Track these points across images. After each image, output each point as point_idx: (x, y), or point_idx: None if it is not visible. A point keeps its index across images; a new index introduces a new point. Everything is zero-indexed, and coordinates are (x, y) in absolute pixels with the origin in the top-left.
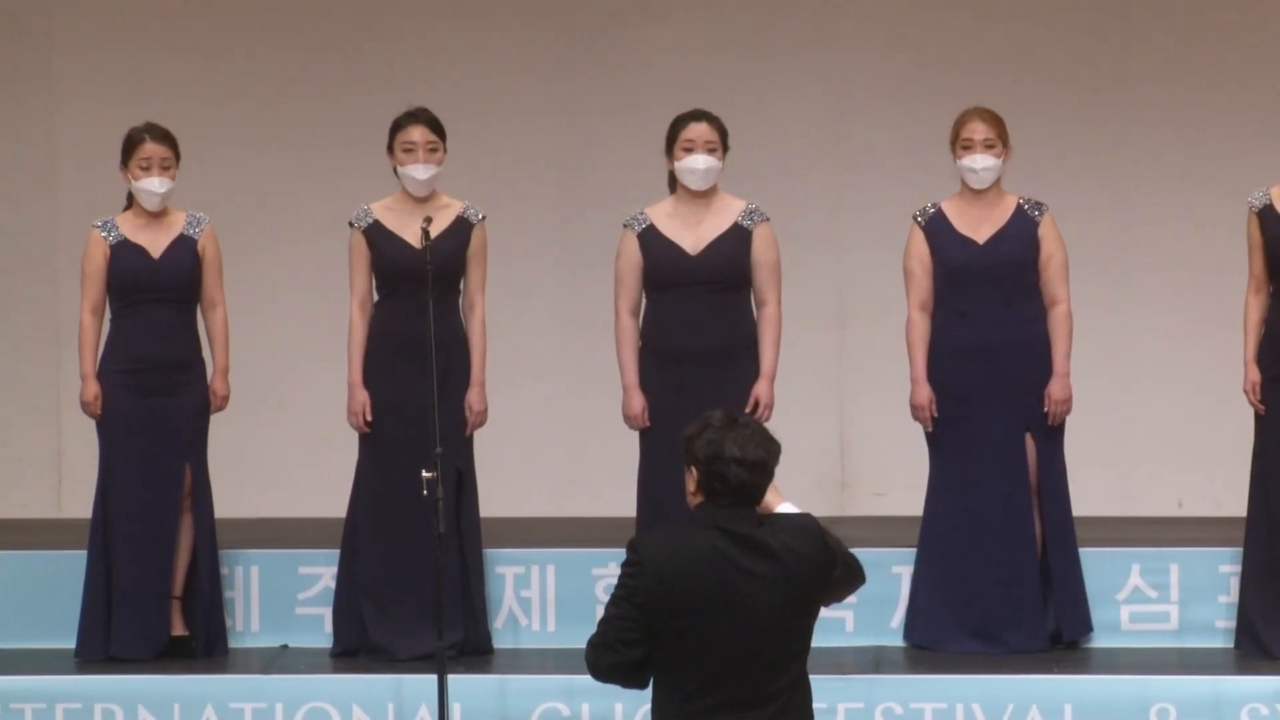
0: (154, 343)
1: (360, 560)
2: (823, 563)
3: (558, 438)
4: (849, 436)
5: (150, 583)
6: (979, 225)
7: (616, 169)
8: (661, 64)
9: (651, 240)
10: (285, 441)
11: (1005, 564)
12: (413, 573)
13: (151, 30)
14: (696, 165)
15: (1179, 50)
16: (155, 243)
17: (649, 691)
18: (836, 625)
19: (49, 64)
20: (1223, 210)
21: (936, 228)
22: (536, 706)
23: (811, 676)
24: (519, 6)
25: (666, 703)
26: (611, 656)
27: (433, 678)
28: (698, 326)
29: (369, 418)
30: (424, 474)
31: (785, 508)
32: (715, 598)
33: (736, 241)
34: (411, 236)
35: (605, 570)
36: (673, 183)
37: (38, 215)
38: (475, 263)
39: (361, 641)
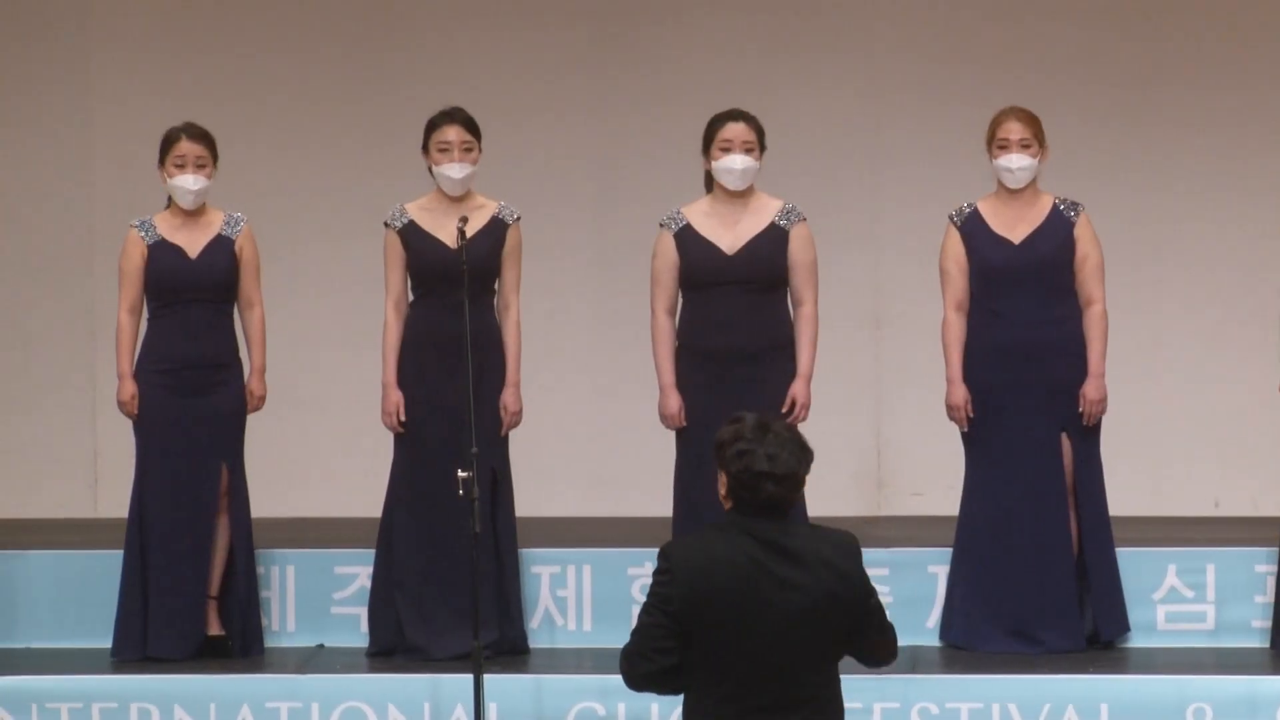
0: (191, 342)
1: (396, 560)
2: (856, 581)
3: (593, 437)
4: (885, 436)
5: (186, 582)
6: (1015, 225)
7: (651, 168)
8: (697, 63)
9: (688, 240)
10: (321, 441)
11: (1041, 564)
12: (448, 572)
13: (188, 30)
14: (734, 165)
15: (1215, 51)
16: (193, 242)
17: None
18: None
19: (86, 63)
20: (1258, 210)
21: (972, 228)
22: (572, 706)
23: (847, 676)
24: (553, 5)
25: (698, 706)
26: (646, 665)
27: (469, 677)
28: (734, 326)
29: (403, 418)
30: (460, 473)
31: None
32: (747, 604)
33: (773, 241)
34: (446, 236)
35: (641, 570)
36: (709, 182)
37: (75, 215)
38: (510, 262)
39: (397, 641)
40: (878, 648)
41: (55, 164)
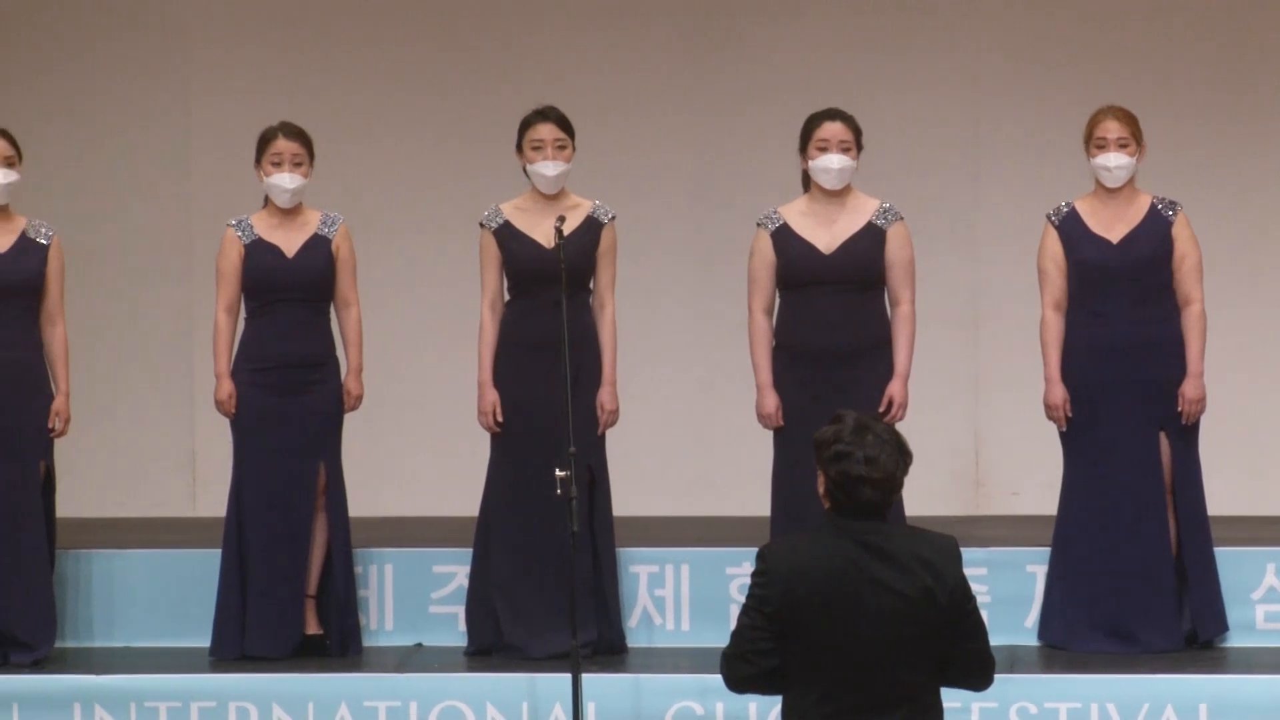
0: (288, 342)
1: (494, 559)
2: (954, 583)
3: (691, 437)
4: (983, 435)
5: (285, 581)
6: (1113, 224)
7: (749, 167)
8: (795, 62)
9: (785, 239)
10: (419, 440)
11: (1140, 563)
12: (546, 572)
13: (285, 29)
14: (831, 164)
15: None
16: (289, 242)
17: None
18: None
19: (184, 63)
20: None
21: (1071, 227)
22: (671, 706)
23: None
24: (651, 3)
25: (797, 706)
26: (746, 668)
27: (567, 677)
28: (832, 326)
29: (499, 417)
30: (558, 473)
31: None
32: (844, 605)
33: (871, 241)
34: (541, 236)
35: (739, 570)
36: (807, 181)
37: (172, 214)
38: (605, 262)
39: (496, 640)
40: (972, 658)
41: (154, 163)
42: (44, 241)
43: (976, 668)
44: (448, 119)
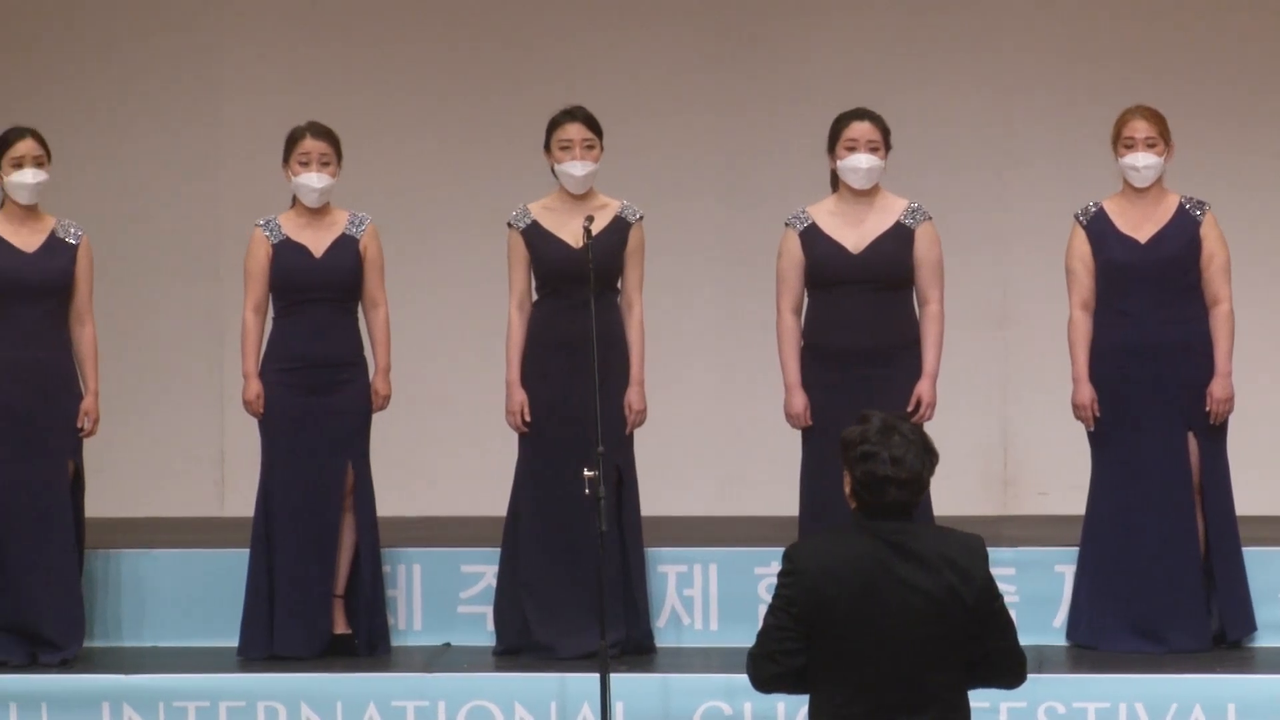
0: (316, 342)
1: (522, 559)
2: (981, 582)
3: (719, 436)
4: (1011, 435)
5: (313, 581)
6: (1141, 224)
7: (777, 166)
8: (823, 61)
9: (814, 238)
10: (447, 440)
11: (1168, 563)
12: (575, 571)
13: (314, 29)
14: (859, 164)
15: None
16: (317, 242)
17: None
18: None
19: (214, 63)
20: None
21: (1098, 226)
22: (699, 705)
23: None
24: (679, 3)
25: (824, 706)
26: (773, 668)
27: (595, 676)
28: (860, 325)
29: (527, 417)
30: (586, 472)
31: None
32: (871, 605)
33: (899, 240)
34: (569, 236)
35: (767, 569)
36: (835, 181)
37: (201, 213)
38: (633, 262)
39: (524, 640)
40: (1002, 657)
41: (183, 163)
42: (73, 241)
43: (1007, 666)
44: (476, 119)
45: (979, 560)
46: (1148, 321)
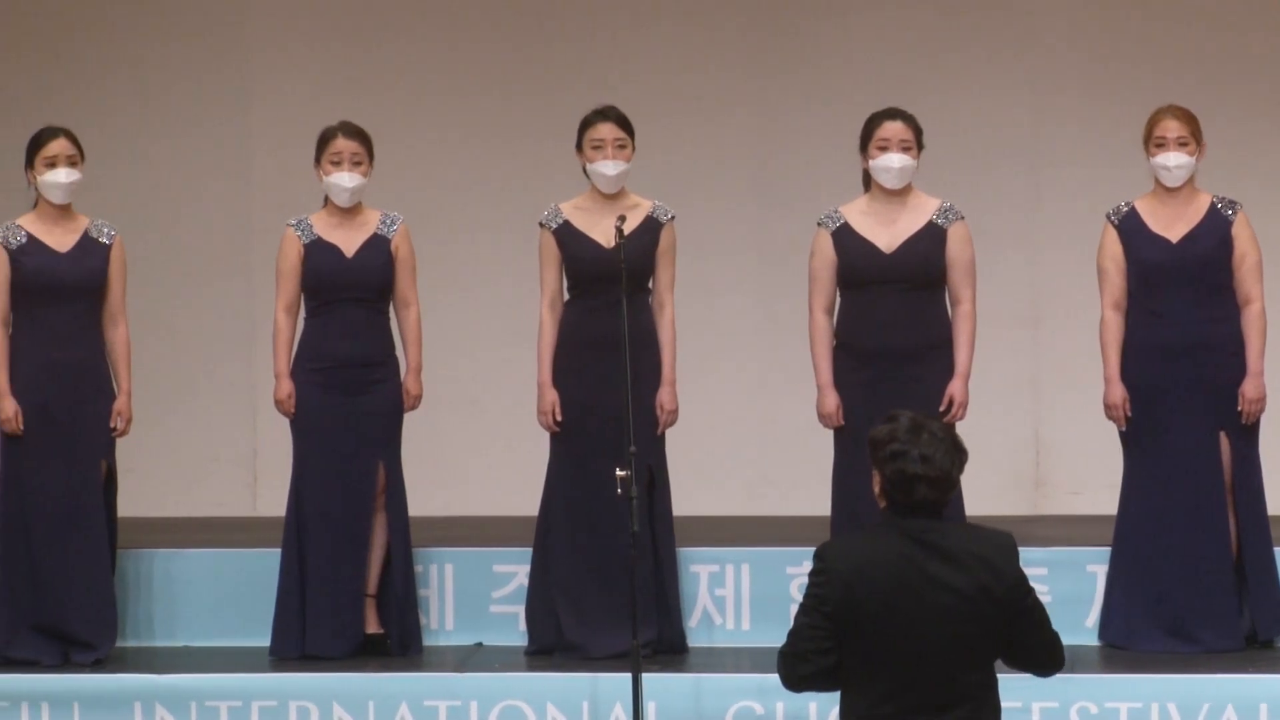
0: (347, 341)
1: (554, 558)
2: (1012, 579)
3: (751, 436)
4: (1044, 435)
5: (345, 580)
6: (1172, 224)
7: (810, 166)
8: (856, 61)
9: (846, 238)
10: (479, 440)
11: (1200, 563)
12: (607, 571)
13: (344, 28)
14: (891, 164)
15: None
16: (349, 242)
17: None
18: None
19: (243, 61)
20: None
21: (1130, 226)
22: (731, 705)
23: (1005, 675)
24: (712, 3)
25: (856, 705)
26: (804, 667)
27: (627, 676)
28: (892, 325)
29: (559, 417)
30: (618, 472)
31: None
32: (902, 604)
33: (931, 240)
34: (601, 236)
35: (799, 569)
36: (867, 181)
37: (233, 213)
38: (664, 262)
39: (556, 640)
40: (1038, 650)
41: (214, 163)
42: (106, 241)
43: (1045, 657)
44: (508, 118)
45: (1010, 556)
46: (1179, 321)
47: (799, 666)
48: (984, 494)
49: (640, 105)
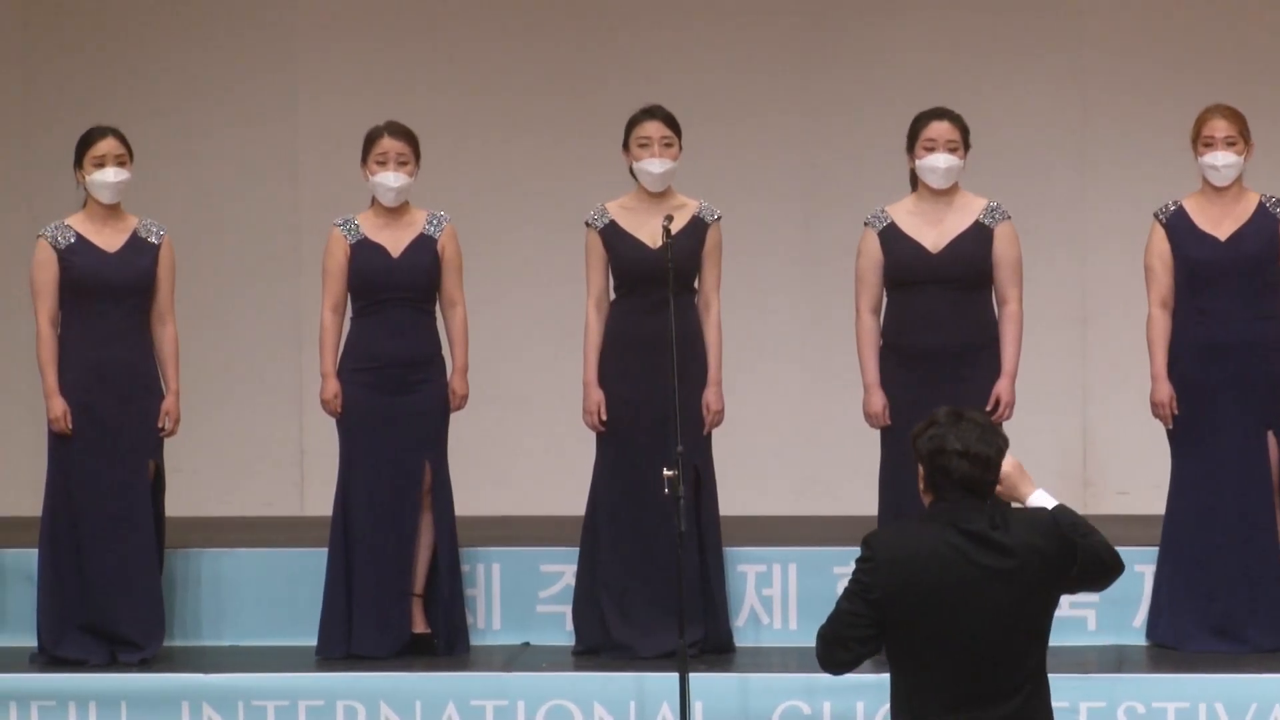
0: (394, 341)
1: (601, 558)
2: (1058, 557)
3: (798, 436)
4: (1092, 434)
5: (391, 580)
6: (1220, 222)
7: (856, 166)
8: (903, 61)
9: (893, 238)
10: (525, 439)
11: (1247, 562)
12: (653, 571)
13: (390, 28)
14: (938, 164)
15: None
16: (395, 241)
17: (889, 689)
18: (1078, 624)
19: (290, 61)
20: None
21: (1178, 225)
22: (778, 705)
23: (1053, 675)
24: (759, 3)
25: (906, 698)
26: (844, 654)
27: (674, 676)
28: (939, 325)
29: (604, 416)
30: (665, 472)
31: (1039, 497)
32: (949, 593)
33: (978, 240)
34: (647, 236)
35: (847, 569)
36: (914, 180)
37: (280, 213)
38: (710, 262)
39: (603, 639)
40: (1091, 557)
41: (262, 163)
42: (155, 241)
43: (1103, 564)
44: (554, 118)
45: (1049, 534)
46: (1227, 320)
47: (839, 653)
48: None
49: (687, 105)
